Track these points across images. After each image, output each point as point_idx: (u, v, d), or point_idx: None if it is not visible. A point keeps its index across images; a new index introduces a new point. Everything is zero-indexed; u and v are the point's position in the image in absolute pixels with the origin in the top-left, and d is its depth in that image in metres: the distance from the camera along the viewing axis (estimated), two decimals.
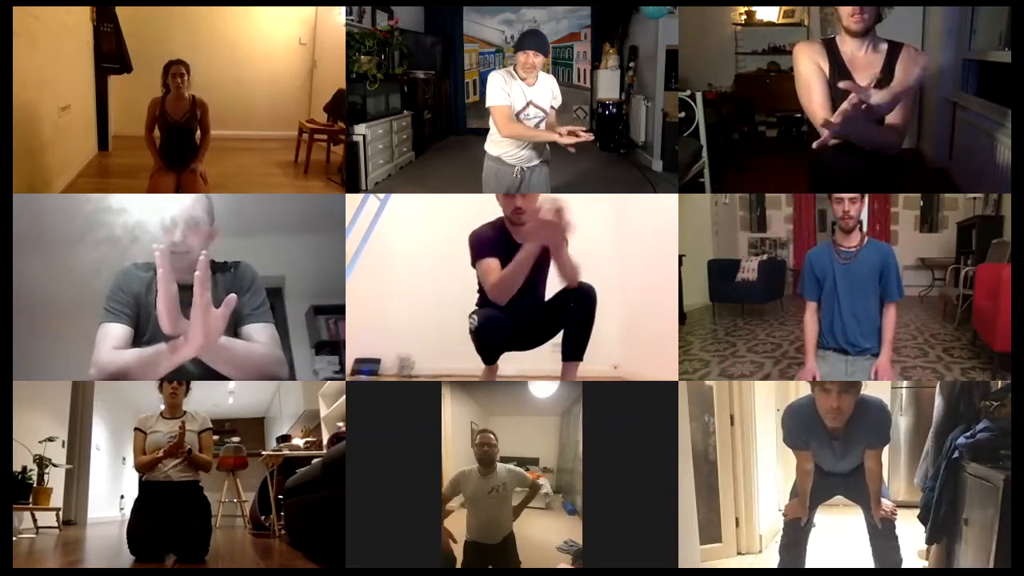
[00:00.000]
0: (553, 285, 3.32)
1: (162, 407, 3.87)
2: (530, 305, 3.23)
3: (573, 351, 3.29)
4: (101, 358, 2.54)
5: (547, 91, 3.75)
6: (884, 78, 2.82)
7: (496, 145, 3.71)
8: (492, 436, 3.12)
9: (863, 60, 2.86)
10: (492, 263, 3.17)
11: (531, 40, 3.67)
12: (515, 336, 3.31)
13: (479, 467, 3.10)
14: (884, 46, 2.87)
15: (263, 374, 2.56)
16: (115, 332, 2.61)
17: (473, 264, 3.24)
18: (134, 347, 2.60)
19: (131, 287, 2.70)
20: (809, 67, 2.90)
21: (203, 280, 2.13)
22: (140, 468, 3.78)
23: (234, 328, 2.65)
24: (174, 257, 2.63)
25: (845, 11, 2.81)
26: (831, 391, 2.77)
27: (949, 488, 2.96)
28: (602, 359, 4.60)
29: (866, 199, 2.98)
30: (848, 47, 2.88)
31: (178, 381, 3.74)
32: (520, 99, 3.67)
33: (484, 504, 3.07)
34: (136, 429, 3.83)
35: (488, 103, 3.67)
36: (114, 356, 2.52)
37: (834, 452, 2.87)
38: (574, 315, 3.22)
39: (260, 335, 2.66)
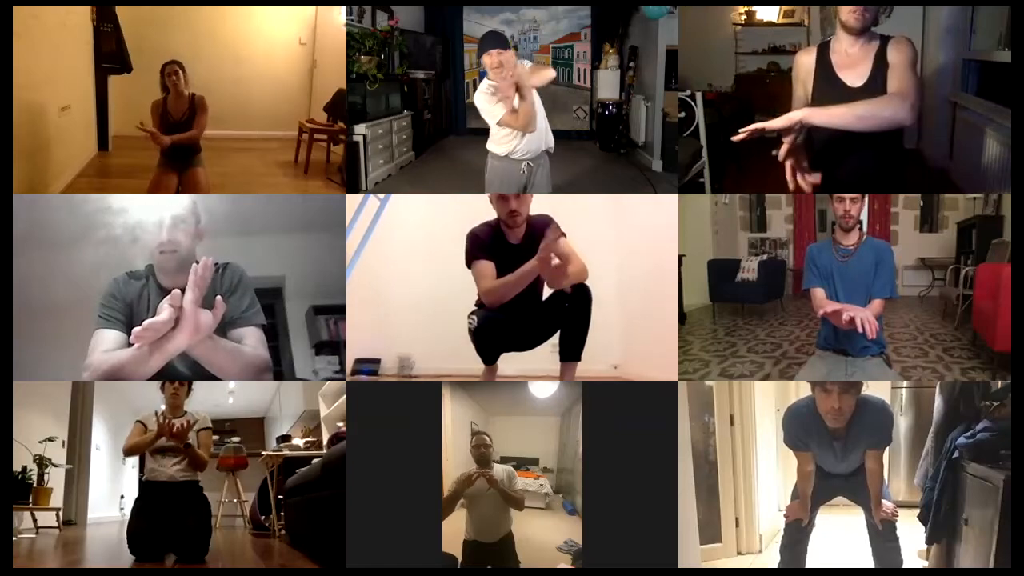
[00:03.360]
0: None
1: (162, 407, 3.87)
2: (528, 305, 3.23)
3: (571, 351, 3.29)
4: (93, 361, 2.58)
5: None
6: (876, 71, 2.82)
7: (500, 144, 3.68)
8: (487, 437, 3.14)
9: (857, 55, 2.86)
10: (486, 266, 3.17)
11: (489, 41, 3.58)
12: (514, 336, 3.31)
13: (477, 467, 3.12)
14: (876, 41, 2.87)
15: (248, 376, 2.61)
16: (109, 337, 2.65)
17: (468, 264, 3.24)
18: None
19: (124, 294, 2.75)
20: (795, 79, 2.99)
21: (199, 279, 2.17)
22: (128, 451, 3.77)
23: (223, 331, 2.68)
24: (163, 257, 2.71)
25: (844, 7, 2.82)
26: (832, 391, 2.77)
27: (949, 488, 2.96)
28: (602, 359, 4.60)
29: (866, 199, 2.98)
30: (842, 44, 2.89)
31: (179, 381, 3.74)
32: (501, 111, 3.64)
33: (482, 501, 3.07)
34: (138, 421, 3.83)
35: (495, 121, 3.61)
36: (105, 356, 2.56)
37: (835, 453, 2.87)
38: (570, 315, 3.22)
39: (248, 338, 2.69)
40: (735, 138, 2.73)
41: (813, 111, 2.75)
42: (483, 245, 3.24)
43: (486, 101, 3.61)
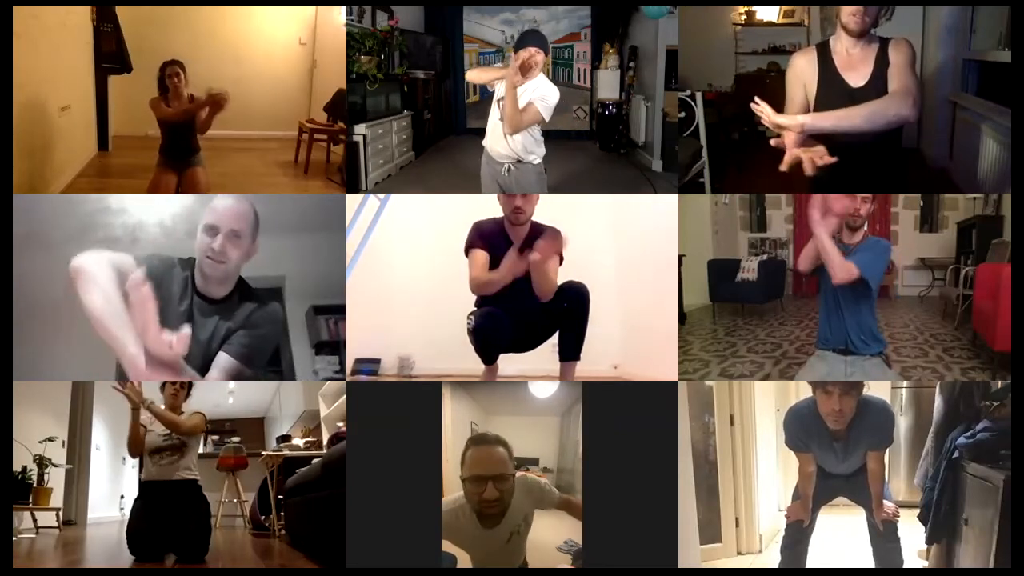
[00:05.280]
0: None
1: (162, 407, 3.87)
2: (527, 305, 3.23)
3: (570, 351, 3.30)
4: (90, 258, 2.42)
5: (532, 90, 3.60)
6: (878, 71, 2.82)
7: (486, 140, 3.70)
8: (512, 470, 2.52)
9: (858, 55, 2.86)
10: (480, 255, 3.21)
11: (533, 38, 3.60)
12: (513, 336, 3.31)
13: (479, 521, 2.56)
14: (876, 44, 2.87)
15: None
16: (125, 264, 2.48)
17: (465, 252, 3.27)
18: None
19: (168, 277, 2.59)
20: (793, 81, 2.97)
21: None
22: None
23: (220, 342, 2.59)
24: (209, 263, 2.54)
25: (845, 9, 2.82)
26: (832, 393, 2.76)
27: (949, 488, 2.96)
28: (602, 359, 4.59)
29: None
30: (842, 45, 2.89)
31: (180, 383, 3.75)
32: (499, 91, 3.62)
33: (500, 555, 2.64)
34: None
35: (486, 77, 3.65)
36: (99, 274, 2.40)
37: (836, 454, 2.87)
38: (568, 315, 3.23)
39: (217, 367, 2.55)
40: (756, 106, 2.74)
41: (817, 116, 2.74)
42: (484, 236, 3.27)
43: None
